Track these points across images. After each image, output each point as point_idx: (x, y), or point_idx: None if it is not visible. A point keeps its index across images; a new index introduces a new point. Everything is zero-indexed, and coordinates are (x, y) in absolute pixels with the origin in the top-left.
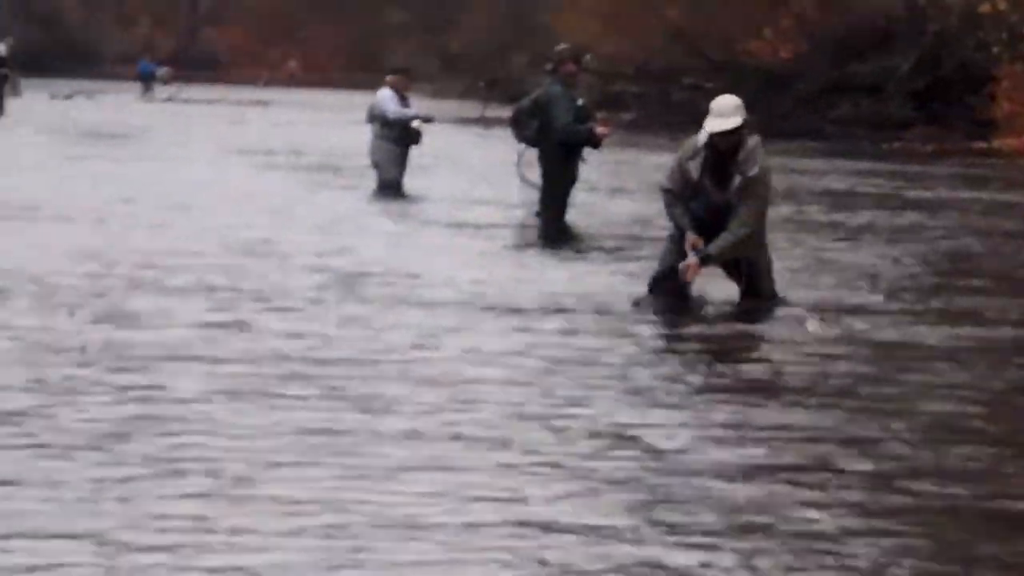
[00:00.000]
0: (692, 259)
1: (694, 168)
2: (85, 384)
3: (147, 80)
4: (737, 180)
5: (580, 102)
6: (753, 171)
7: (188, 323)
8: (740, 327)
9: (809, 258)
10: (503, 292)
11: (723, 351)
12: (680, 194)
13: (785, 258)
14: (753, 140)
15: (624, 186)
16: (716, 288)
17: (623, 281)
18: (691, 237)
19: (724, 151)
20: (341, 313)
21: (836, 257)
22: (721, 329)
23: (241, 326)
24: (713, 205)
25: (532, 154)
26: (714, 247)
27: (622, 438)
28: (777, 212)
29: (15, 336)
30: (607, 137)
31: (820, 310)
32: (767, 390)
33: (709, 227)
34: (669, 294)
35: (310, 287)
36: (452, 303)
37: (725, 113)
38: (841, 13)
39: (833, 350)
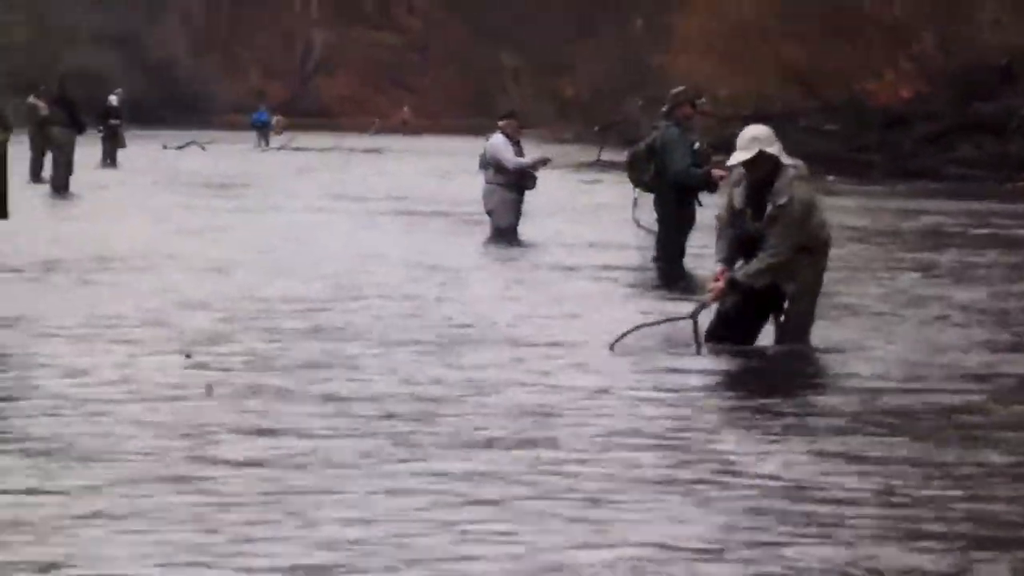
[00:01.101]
0: (718, 284)
1: (738, 196)
2: (210, 424)
3: (262, 129)
4: (769, 209)
5: (696, 145)
6: (782, 200)
7: (301, 364)
8: (826, 360)
9: (904, 295)
10: (615, 335)
11: (813, 385)
12: (729, 222)
13: (878, 294)
14: (791, 172)
15: None
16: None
17: None
18: (718, 267)
19: (757, 181)
20: (456, 355)
21: (932, 293)
22: (806, 364)
23: (355, 368)
24: (747, 234)
25: (648, 198)
26: (740, 272)
27: (726, 466)
28: (874, 251)
29: (135, 378)
30: (723, 180)
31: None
32: (860, 420)
33: (745, 255)
34: (731, 338)
35: (423, 331)
36: (567, 345)
37: (742, 145)
38: (962, 52)
39: (924, 382)
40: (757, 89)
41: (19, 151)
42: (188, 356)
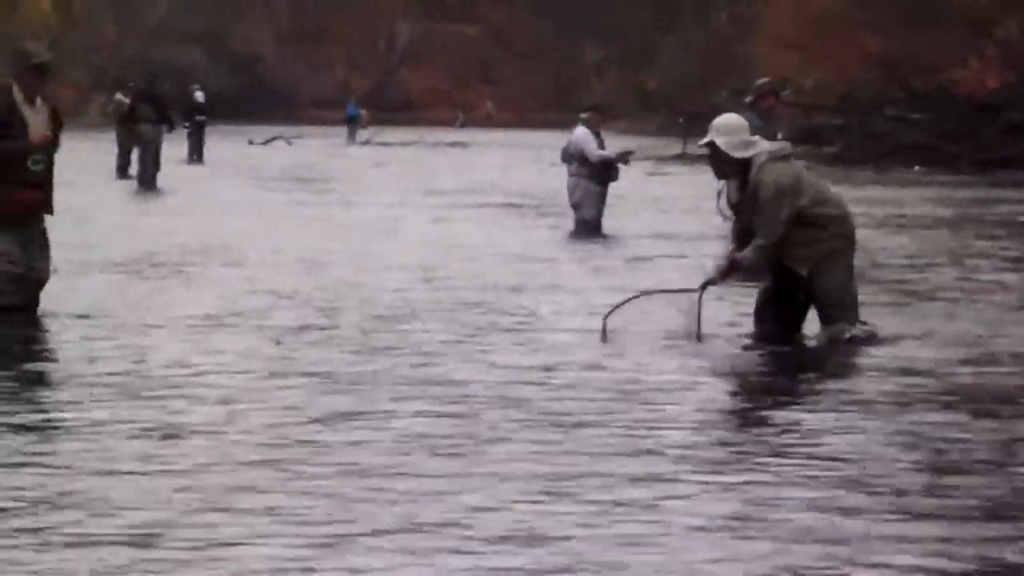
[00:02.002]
0: (721, 265)
1: (732, 189)
2: (301, 407)
3: (352, 124)
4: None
5: (779, 136)
6: (751, 188)
7: (387, 351)
8: (895, 343)
9: (974, 282)
10: (691, 324)
11: (881, 367)
12: (734, 214)
13: (948, 281)
14: (762, 158)
15: None
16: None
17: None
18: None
19: (740, 175)
20: (538, 342)
21: (1003, 280)
22: (874, 348)
23: (439, 354)
24: (742, 223)
25: None
26: (740, 254)
27: (796, 442)
28: (948, 239)
29: (232, 364)
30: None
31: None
32: (928, 400)
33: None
34: (773, 325)
35: (505, 319)
36: (645, 332)
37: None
38: None
39: (992, 365)
40: (843, 79)
41: (106, 147)
42: (279, 343)
